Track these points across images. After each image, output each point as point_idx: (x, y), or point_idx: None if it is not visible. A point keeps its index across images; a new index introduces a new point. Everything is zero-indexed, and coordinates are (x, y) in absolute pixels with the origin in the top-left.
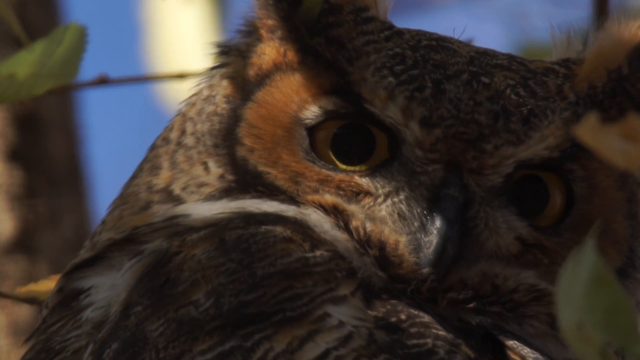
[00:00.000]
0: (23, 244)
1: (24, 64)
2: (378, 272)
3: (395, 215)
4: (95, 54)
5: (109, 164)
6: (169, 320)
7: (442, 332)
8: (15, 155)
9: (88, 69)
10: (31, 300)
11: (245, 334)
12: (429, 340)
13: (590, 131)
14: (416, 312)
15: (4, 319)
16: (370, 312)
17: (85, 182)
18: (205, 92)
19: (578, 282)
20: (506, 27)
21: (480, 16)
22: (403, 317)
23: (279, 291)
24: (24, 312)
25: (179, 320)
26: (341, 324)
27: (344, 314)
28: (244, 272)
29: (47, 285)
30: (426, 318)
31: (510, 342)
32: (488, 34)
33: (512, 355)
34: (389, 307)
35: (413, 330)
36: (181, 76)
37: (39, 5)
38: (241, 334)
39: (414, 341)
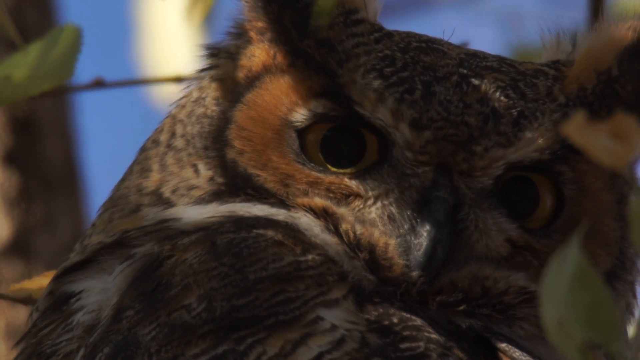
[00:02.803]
0: (19, 246)
1: (20, 65)
2: (368, 276)
3: (385, 218)
4: (90, 56)
5: (105, 167)
6: (161, 325)
7: (434, 335)
8: (11, 158)
9: (83, 71)
10: (25, 299)
11: (238, 337)
12: (421, 344)
13: (578, 129)
14: (408, 316)
15: (1, 322)
16: (362, 315)
17: (81, 185)
18: (195, 94)
19: (561, 279)
20: (500, 29)
21: (474, 18)
22: (395, 320)
23: (271, 295)
24: (22, 315)
25: (171, 325)
26: (334, 327)
27: (337, 317)
28: (236, 276)
29: (41, 282)
30: (418, 321)
31: (502, 345)
32: (481, 36)
33: (504, 358)
34: (381, 310)
35: (405, 333)
36: (177, 79)
37: (34, 6)
38: (234, 337)
39: (407, 344)
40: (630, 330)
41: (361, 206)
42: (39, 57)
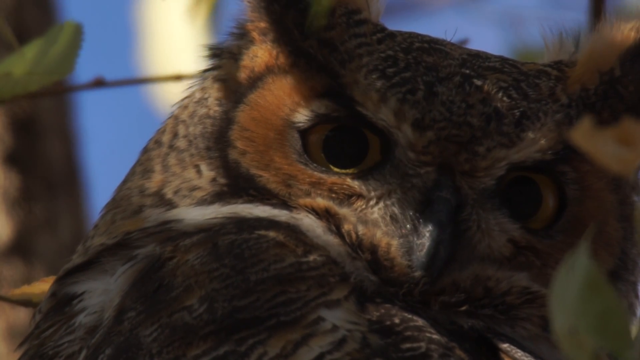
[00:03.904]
0: (20, 247)
1: (20, 62)
2: (370, 276)
3: (388, 218)
4: (91, 56)
5: (106, 167)
6: (163, 326)
7: (435, 336)
8: (12, 159)
9: (84, 71)
10: (26, 302)
11: (239, 338)
12: (422, 344)
13: (585, 135)
14: (410, 316)
15: (2, 323)
16: (363, 316)
17: (81, 185)
18: (198, 95)
19: (571, 286)
20: (501, 31)
21: (476, 19)
22: (397, 320)
23: (272, 296)
24: (22, 316)
25: (172, 326)
26: (335, 328)
27: (338, 318)
28: (238, 277)
29: (41, 287)
30: (420, 322)
31: (504, 345)
32: (483, 37)
33: (506, 358)
34: (382, 310)
35: (407, 334)
36: (177, 78)
37: (35, 6)
38: (235, 338)
39: (408, 345)
40: (633, 331)
41: (363, 206)
42: (39, 53)
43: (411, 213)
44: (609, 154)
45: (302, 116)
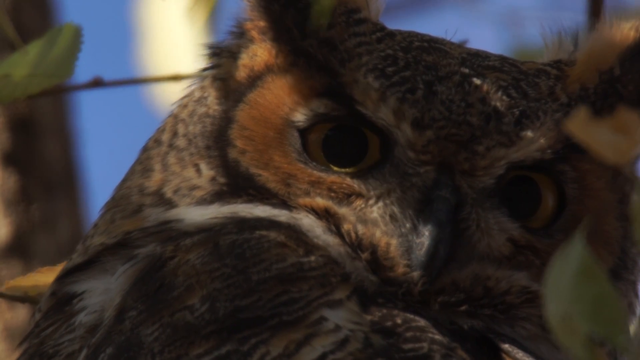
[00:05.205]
0: (18, 248)
1: (20, 64)
2: (370, 277)
3: (387, 217)
4: (90, 57)
5: (104, 167)
6: (164, 325)
7: (437, 336)
8: (10, 160)
9: (83, 72)
10: (22, 298)
11: (242, 338)
12: (424, 345)
13: (581, 125)
14: (412, 316)
15: (0, 323)
16: (366, 316)
17: (80, 186)
18: (197, 94)
19: (565, 273)
20: (500, 30)
21: (474, 19)
22: (399, 321)
23: (274, 295)
24: (20, 315)
25: (174, 325)
26: (337, 327)
27: (340, 317)
28: (239, 277)
29: (36, 279)
30: (422, 322)
31: (506, 346)
32: (483, 36)
33: (507, 359)
34: (384, 311)
35: (409, 334)
36: (176, 78)
37: (34, 8)
38: (237, 338)
39: (410, 345)
40: (632, 330)
41: (363, 206)
42: (38, 55)
43: (410, 212)
44: (604, 143)
45: (301, 115)
